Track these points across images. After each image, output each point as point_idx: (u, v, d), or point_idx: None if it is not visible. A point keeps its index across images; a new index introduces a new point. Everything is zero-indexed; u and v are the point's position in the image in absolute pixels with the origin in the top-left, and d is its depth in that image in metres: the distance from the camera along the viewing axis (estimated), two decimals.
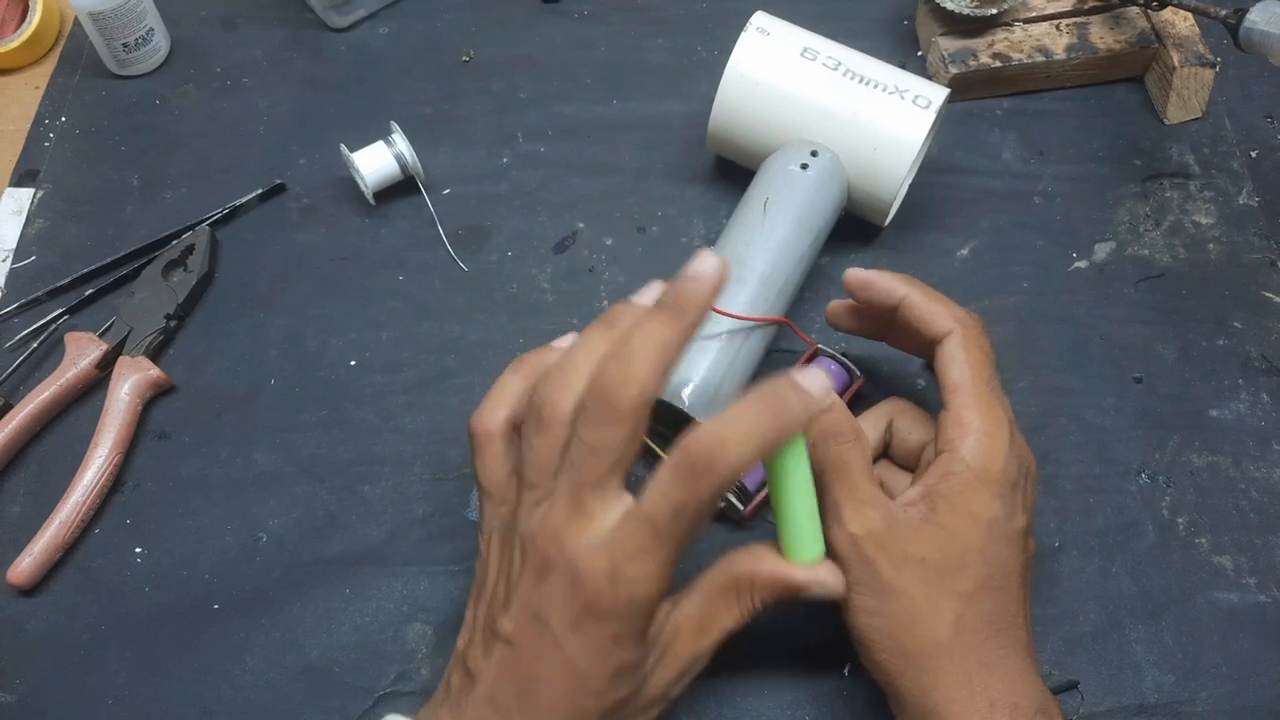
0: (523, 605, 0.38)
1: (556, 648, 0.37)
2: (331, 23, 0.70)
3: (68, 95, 0.68)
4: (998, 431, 0.43)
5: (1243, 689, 0.49)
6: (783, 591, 0.41)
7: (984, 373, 0.45)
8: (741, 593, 0.41)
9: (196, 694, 0.49)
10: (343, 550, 0.53)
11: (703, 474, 0.36)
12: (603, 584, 0.36)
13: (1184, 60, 0.64)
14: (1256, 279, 0.61)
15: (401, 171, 0.62)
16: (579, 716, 0.38)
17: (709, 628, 0.41)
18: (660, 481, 0.36)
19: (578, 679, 0.38)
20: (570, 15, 0.71)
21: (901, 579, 0.42)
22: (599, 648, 0.37)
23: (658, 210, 0.63)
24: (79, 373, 0.56)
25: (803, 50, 0.57)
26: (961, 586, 0.42)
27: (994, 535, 0.42)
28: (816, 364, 0.53)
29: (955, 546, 0.42)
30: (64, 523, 0.52)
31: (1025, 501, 0.44)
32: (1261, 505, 0.54)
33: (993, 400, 0.44)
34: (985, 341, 0.46)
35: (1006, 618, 0.42)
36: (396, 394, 0.57)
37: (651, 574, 0.37)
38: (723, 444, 0.36)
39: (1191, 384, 0.57)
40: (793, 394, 0.37)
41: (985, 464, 0.43)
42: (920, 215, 0.62)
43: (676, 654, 0.40)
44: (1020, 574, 0.43)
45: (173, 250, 0.60)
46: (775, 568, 0.41)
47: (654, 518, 0.36)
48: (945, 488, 0.43)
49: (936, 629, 0.41)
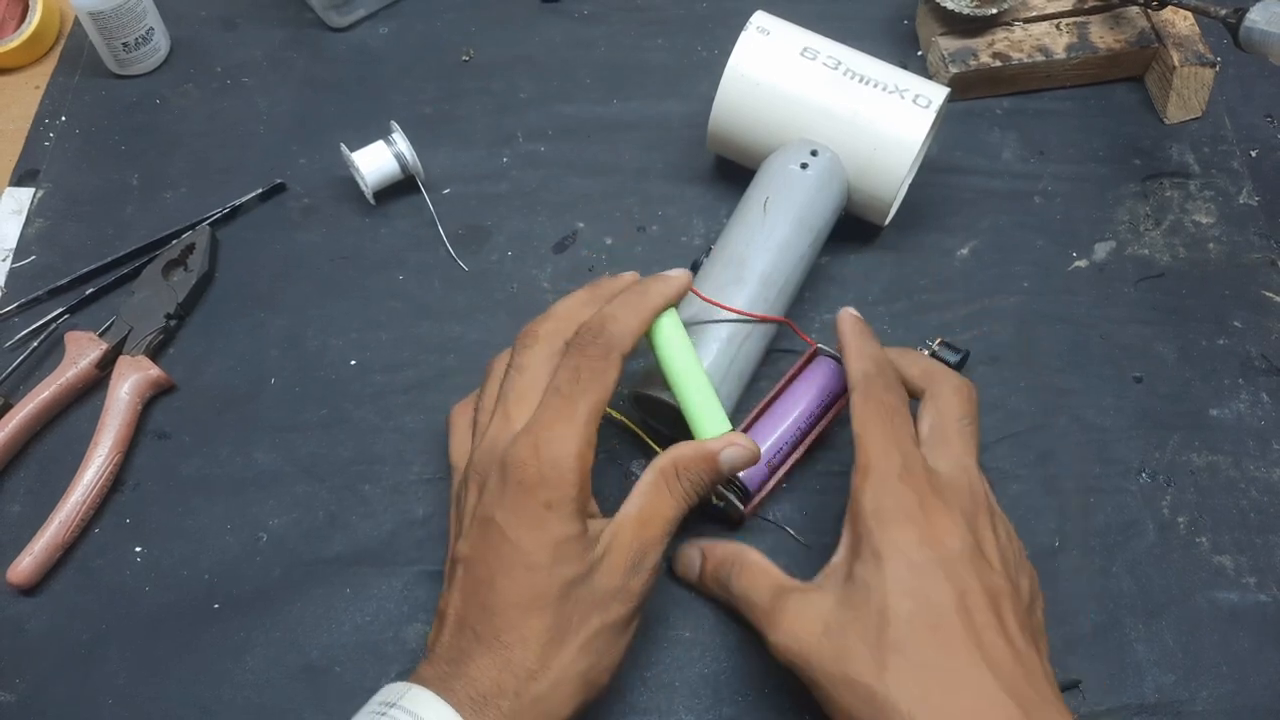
0: (471, 519, 0.43)
1: (502, 536, 0.41)
2: (331, 22, 0.70)
3: (68, 95, 0.68)
4: (885, 465, 0.43)
5: (1243, 688, 0.49)
6: (703, 463, 0.44)
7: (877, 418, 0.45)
8: (669, 480, 0.44)
9: (196, 694, 0.49)
10: (343, 550, 0.53)
11: (592, 341, 0.44)
12: (527, 456, 0.42)
13: (1184, 60, 0.64)
14: (1256, 278, 0.61)
15: (401, 171, 0.62)
16: (535, 600, 0.41)
17: (649, 519, 0.43)
18: (564, 358, 0.44)
19: (523, 558, 0.41)
20: (570, 15, 0.71)
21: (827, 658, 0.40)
22: (536, 519, 0.41)
23: (658, 210, 0.63)
24: (79, 372, 0.56)
25: (803, 50, 0.57)
26: (889, 638, 0.39)
27: (904, 571, 0.40)
28: (817, 364, 0.53)
29: (868, 597, 0.40)
30: (64, 522, 0.52)
31: (949, 526, 0.41)
32: (1261, 505, 0.54)
33: (885, 439, 0.44)
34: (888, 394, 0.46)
35: (962, 663, 0.39)
36: (396, 394, 0.57)
37: (567, 434, 0.42)
38: (602, 318, 0.45)
39: (1192, 383, 0.57)
40: (654, 279, 0.47)
41: (876, 498, 0.42)
42: (920, 215, 0.62)
43: (622, 544, 0.43)
44: (962, 608, 0.40)
45: (173, 250, 0.60)
46: (692, 445, 0.45)
47: (559, 386, 0.43)
48: (851, 536, 0.43)
49: (874, 689, 0.39)
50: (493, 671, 0.40)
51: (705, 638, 0.50)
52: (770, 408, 0.53)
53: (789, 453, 0.52)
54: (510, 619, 0.41)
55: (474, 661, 0.40)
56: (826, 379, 0.53)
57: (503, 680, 0.40)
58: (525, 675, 0.40)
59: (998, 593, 0.41)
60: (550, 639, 0.41)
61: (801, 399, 0.52)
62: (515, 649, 0.40)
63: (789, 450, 0.52)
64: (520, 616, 0.41)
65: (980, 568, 0.41)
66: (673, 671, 0.50)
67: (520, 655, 0.40)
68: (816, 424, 0.52)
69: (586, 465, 0.42)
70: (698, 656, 0.50)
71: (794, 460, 0.52)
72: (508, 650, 0.40)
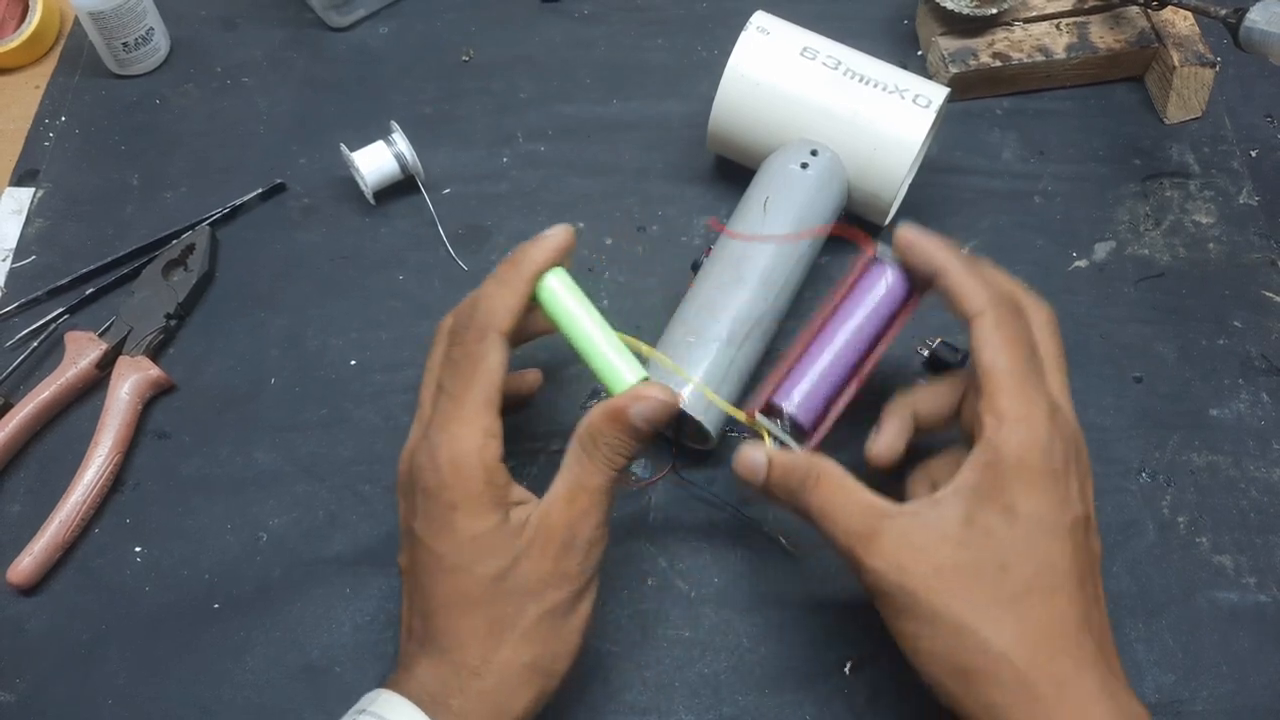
0: (403, 535, 0.44)
1: (423, 546, 0.42)
2: (331, 22, 0.70)
3: (68, 95, 0.68)
4: (1033, 417, 0.40)
5: (1243, 688, 0.49)
6: (613, 423, 0.42)
7: (1017, 355, 0.41)
8: (587, 447, 0.42)
9: (196, 693, 0.49)
10: (343, 550, 0.53)
11: (466, 327, 0.43)
12: (425, 462, 0.42)
13: (1184, 60, 0.64)
14: (1256, 278, 0.61)
15: (401, 171, 0.62)
16: (461, 602, 0.41)
17: (575, 495, 0.42)
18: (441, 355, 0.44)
19: (441, 562, 0.41)
20: (570, 15, 0.71)
21: (936, 595, 0.39)
22: (445, 523, 0.41)
23: (658, 210, 0.63)
24: (79, 372, 0.56)
25: (803, 50, 0.57)
26: (1006, 591, 0.38)
27: (1038, 531, 0.39)
28: (871, 272, 0.46)
29: (992, 546, 0.39)
30: (64, 522, 0.52)
31: (1077, 491, 0.40)
32: (1262, 505, 0.54)
33: (1026, 384, 0.40)
34: (1020, 321, 0.42)
35: (1073, 625, 0.39)
36: (396, 393, 0.57)
37: (459, 433, 0.41)
38: (473, 300, 0.43)
39: (1192, 383, 0.57)
40: (526, 245, 0.44)
41: (1020, 452, 0.39)
42: (920, 215, 0.62)
43: (550, 525, 0.41)
44: (1079, 575, 0.39)
45: (173, 250, 0.60)
46: (601, 406, 0.42)
47: (443, 384, 0.43)
48: (979, 480, 0.40)
49: (992, 641, 0.38)
50: (436, 673, 0.40)
51: (705, 638, 0.50)
52: (825, 328, 0.46)
53: (847, 378, 0.46)
54: (442, 622, 0.41)
55: (420, 665, 0.41)
56: (888, 291, 0.46)
57: (447, 680, 0.40)
58: (468, 673, 0.40)
59: (1098, 559, 0.42)
60: (486, 635, 0.40)
61: (858, 315, 0.46)
62: (452, 650, 0.41)
63: (846, 375, 0.46)
64: (451, 618, 0.41)
65: (1091, 535, 0.41)
66: (673, 672, 0.50)
67: (459, 655, 0.40)
68: (876, 345, 0.46)
69: (490, 457, 0.41)
70: (698, 656, 0.50)
71: (855, 389, 0.46)
72: (446, 652, 0.41)
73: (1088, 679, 0.38)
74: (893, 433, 0.47)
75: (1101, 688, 0.38)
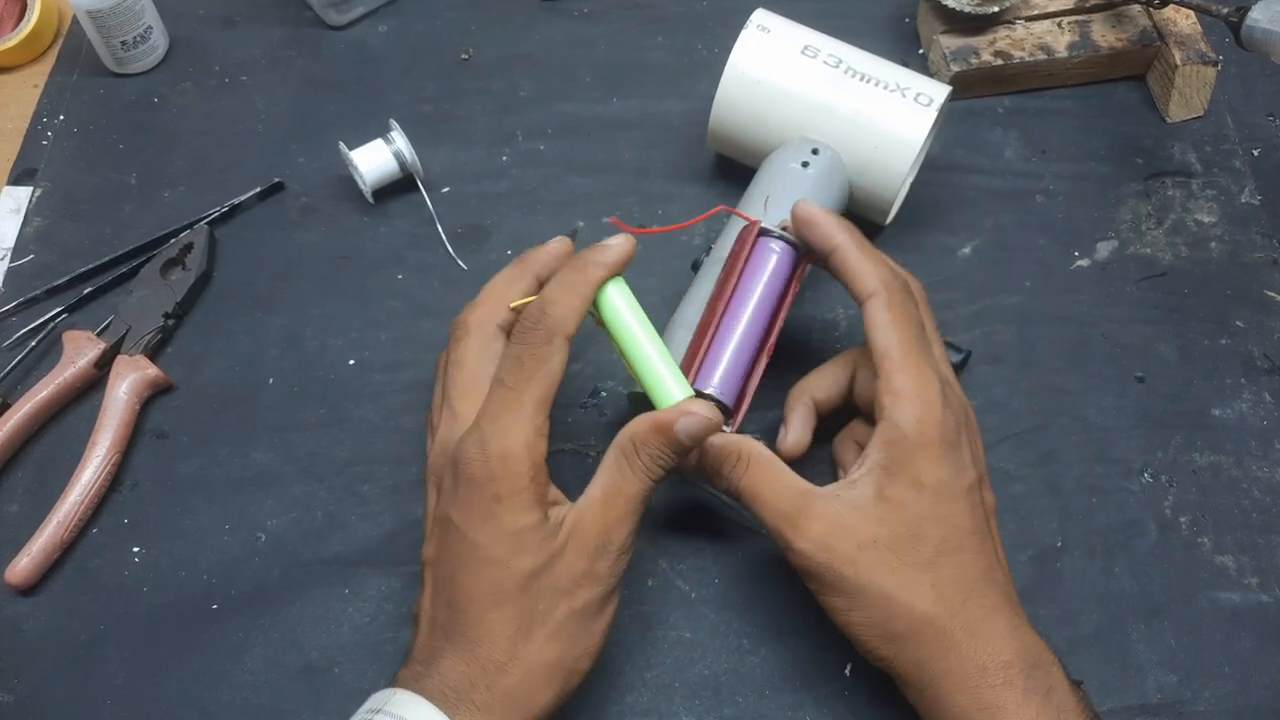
0: (432, 521, 0.44)
1: (459, 535, 0.41)
2: (330, 21, 0.70)
3: (66, 93, 0.68)
4: (927, 393, 0.43)
5: (1245, 689, 0.49)
6: (658, 436, 0.43)
7: (909, 334, 0.44)
8: (629, 456, 0.43)
9: (196, 694, 0.49)
10: (342, 550, 0.53)
11: (533, 328, 0.43)
12: (474, 452, 0.41)
13: (1186, 58, 0.64)
14: (1259, 278, 0.60)
15: (401, 170, 0.62)
16: (495, 595, 0.41)
17: (612, 499, 0.43)
18: (506, 349, 0.43)
19: (478, 553, 0.41)
20: (570, 14, 0.71)
21: (862, 571, 0.42)
22: (487, 514, 0.41)
23: (658, 209, 0.63)
24: (77, 371, 0.56)
25: (803, 48, 0.57)
26: (921, 556, 0.42)
27: (941, 498, 0.42)
28: (761, 245, 0.49)
29: (905, 518, 0.42)
30: (62, 522, 0.52)
31: (970, 455, 0.44)
32: (1264, 505, 0.54)
33: (920, 362, 0.44)
34: (910, 301, 0.45)
35: (977, 576, 0.42)
36: (396, 393, 0.57)
37: (514, 427, 0.41)
38: (541, 302, 0.43)
39: (1193, 383, 0.57)
40: (591, 250, 0.45)
41: (919, 428, 0.43)
42: (922, 214, 0.62)
43: (586, 527, 0.42)
44: (979, 530, 0.43)
45: (171, 249, 0.60)
46: (646, 418, 0.43)
47: (503, 378, 0.42)
48: (885, 458, 0.43)
49: (913, 605, 0.42)
50: (462, 666, 0.40)
51: (705, 639, 0.50)
52: (729, 308, 0.48)
53: (757, 354, 0.48)
54: (473, 614, 0.41)
55: (445, 659, 0.41)
56: (781, 263, 0.49)
57: (473, 674, 0.40)
58: (494, 668, 0.40)
59: (992, 511, 0.45)
60: (516, 630, 0.41)
61: (757, 290, 0.48)
62: (481, 644, 0.41)
63: (756, 351, 0.48)
64: (482, 611, 0.41)
65: (985, 491, 0.45)
66: (673, 673, 0.49)
67: (487, 649, 0.40)
68: (776, 317, 0.49)
69: (538, 455, 0.42)
70: (698, 657, 0.50)
71: (765, 363, 0.48)
72: (474, 645, 0.41)
73: (996, 621, 0.42)
74: (798, 427, 0.51)
75: (1008, 628, 0.42)
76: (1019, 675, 0.40)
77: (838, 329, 0.59)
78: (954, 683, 0.41)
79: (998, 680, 0.40)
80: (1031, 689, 0.40)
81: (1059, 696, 0.41)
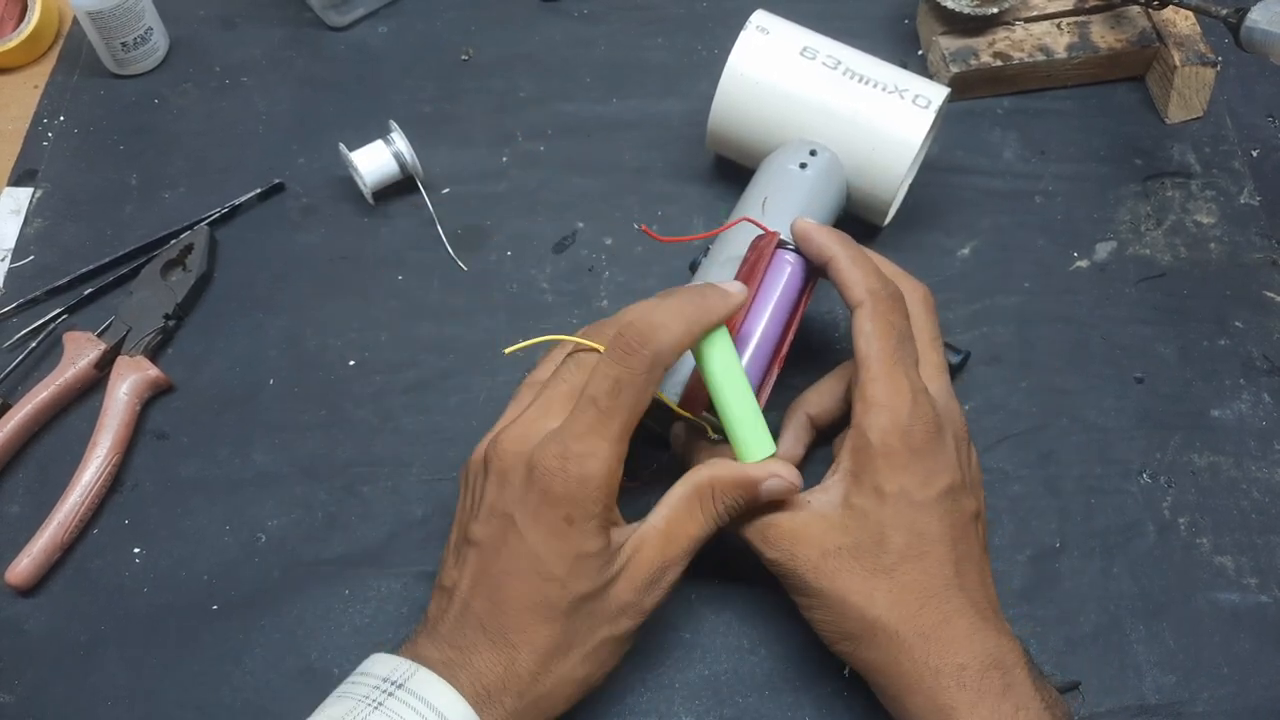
0: (489, 509, 0.42)
1: (519, 538, 0.41)
2: (330, 21, 0.70)
3: (66, 94, 0.68)
4: (895, 402, 0.43)
5: (1244, 690, 0.49)
6: (741, 491, 0.43)
7: (888, 344, 0.44)
8: (704, 499, 0.43)
9: (195, 695, 0.49)
10: (342, 551, 0.53)
11: (635, 350, 0.40)
12: (554, 465, 0.40)
13: (1185, 59, 0.64)
14: (1258, 278, 0.61)
15: (401, 171, 0.62)
16: (546, 610, 0.41)
17: (675, 536, 0.43)
18: (600, 365, 0.41)
19: (538, 566, 0.40)
20: (570, 14, 0.71)
21: (822, 577, 0.43)
22: (556, 531, 0.40)
23: (658, 209, 0.63)
24: (77, 372, 0.56)
25: (802, 49, 0.57)
26: (881, 563, 0.42)
27: (904, 506, 0.43)
28: (777, 257, 0.49)
29: (867, 525, 0.43)
30: (62, 523, 0.52)
31: (945, 462, 0.44)
32: (1263, 505, 0.54)
33: (893, 370, 0.44)
34: (897, 310, 0.45)
35: (942, 583, 0.43)
36: (396, 394, 0.57)
37: (598, 450, 0.40)
38: (652, 325, 0.41)
39: (1193, 384, 0.57)
40: (711, 289, 0.43)
41: (883, 437, 0.43)
42: (921, 215, 0.62)
43: (643, 560, 0.42)
44: (951, 537, 0.43)
45: (171, 250, 0.60)
46: (732, 470, 0.43)
47: (596, 397, 0.41)
48: (853, 465, 0.44)
49: (866, 610, 0.42)
50: (498, 668, 0.40)
51: (705, 639, 0.50)
52: (746, 319, 0.48)
53: (770, 364, 0.49)
54: (519, 622, 0.41)
55: (480, 654, 0.41)
56: (794, 276, 0.49)
57: (507, 679, 0.40)
58: (529, 677, 0.41)
59: (974, 516, 0.45)
60: (555, 647, 0.41)
61: (772, 303, 0.49)
62: (521, 651, 0.41)
63: (769, 361, 0.48)
64: (529, 622, 0.41)
65: (963, 498, 0.44)
66: (673, 673, 0.50)
67: (526, 658, 0.41)
68: (789, 329, 0.49)
69: (615, 481, 0.41)
70: (698, 658, 0.50)
71: (777, 372, 0.48)
72: (514, 650, 0.41)
73: (955, 625, 0.42)
74: (790, 442, 0.51)
75: (967, 631, 0.42)
76: (973, 677, 0.41)
77: (838, 329, 0.59)
78: (909, 684, 0.42)
79: (951, 682, 0.41)
80: (986, 689, 0.41)
81: (1017, 694, 0.41)
